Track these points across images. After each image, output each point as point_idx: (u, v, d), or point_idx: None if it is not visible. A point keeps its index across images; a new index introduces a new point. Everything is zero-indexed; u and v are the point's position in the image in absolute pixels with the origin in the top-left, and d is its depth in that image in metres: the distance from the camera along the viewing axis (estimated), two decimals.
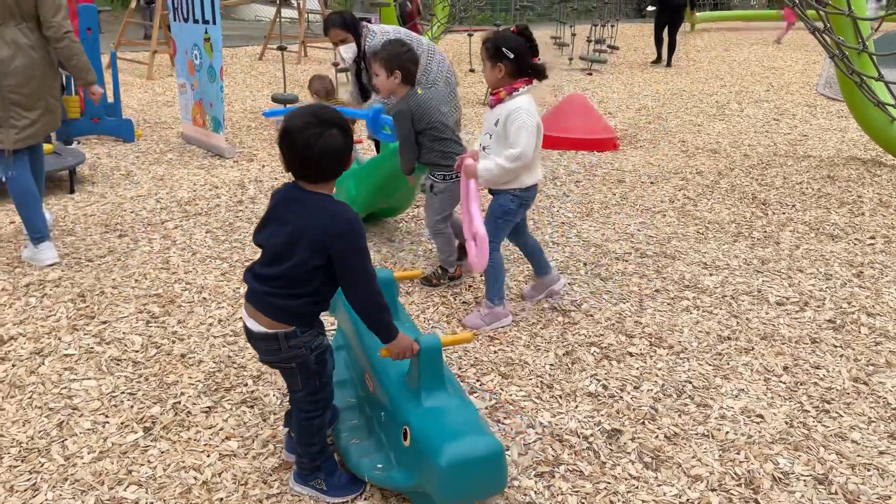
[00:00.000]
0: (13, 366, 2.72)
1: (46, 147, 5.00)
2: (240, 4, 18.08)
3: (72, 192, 4.82)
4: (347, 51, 4.15)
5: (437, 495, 1.82)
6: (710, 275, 3.76)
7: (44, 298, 3.27)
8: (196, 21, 5.81)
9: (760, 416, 2.56)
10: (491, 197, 3.14)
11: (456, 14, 13.44)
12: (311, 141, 1.84)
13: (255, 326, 1.96)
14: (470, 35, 12.54)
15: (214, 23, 5.63)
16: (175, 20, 6.16)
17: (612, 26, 13.95)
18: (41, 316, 3.11)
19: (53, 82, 3.55)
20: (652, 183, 5.47)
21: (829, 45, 5.75)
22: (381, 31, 4.31)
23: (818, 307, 3.43)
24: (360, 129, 6.71)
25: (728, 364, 2.90)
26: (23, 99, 3.41)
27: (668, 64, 12.78)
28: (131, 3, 11.48)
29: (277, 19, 10.25)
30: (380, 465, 2.04)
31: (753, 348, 3.03)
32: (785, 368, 2.88)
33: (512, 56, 2.88)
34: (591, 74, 11.55)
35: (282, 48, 7.52)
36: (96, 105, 3.37)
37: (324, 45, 12.80)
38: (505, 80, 2.95)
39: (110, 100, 6.39)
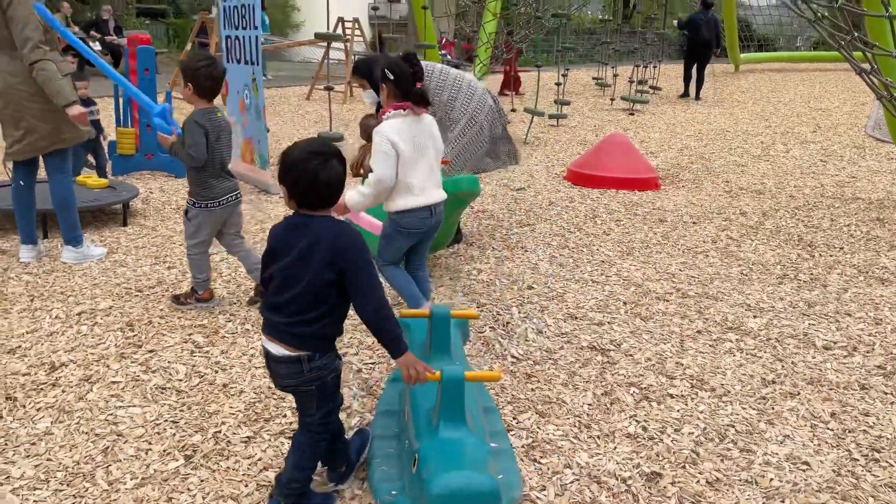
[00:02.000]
0: (63, 391, 2.81)
1: (102, 182, 5.24)
2: (291, 47, 18.70)
3: (125, 224, 5.00)
4: (368, 96, 4.18)
5: None
6: (755, 317, 3.69)
7: (94, 327, 3.38)
8: (246, 62, 6.04)
9: (807, 463, 2.49)
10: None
11: (498, 55, 13.66)
12: (318, 171, 1.95)
13: (278, 350, 2.00)
14: (512, 76, 12.72)
15: (258, 63, 5.85)
16: (228, 62, 6.41)
17: (655, 67, 13.99)
18: (91, 344, 3.21)
19: (37, 105, 3.87)
20: (694, 223, 5.42)
21: (876, 86, 5.67)
22: (427, 68, 4.33)
23: (867, 352, 3.32)
24: None
25: (773, 409, 2.83)
26: (8, 119, 3.90)
27: (697, 97, 13.27)
28: (186, 46, 11.98)
29: (325, 60, 10.56)
30: (394, 492, 2.05)
31: (799, 393, 2.95)
32: (832, 415, 2.79)
33: (392, 78, 2.93)
34: (632, 114, 11.56)
35: (328, 88, 7.73)
36: (83, 123, 3.85)
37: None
38: (388, 101, 3.02)
39: None
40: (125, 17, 19.54)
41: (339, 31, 12.50)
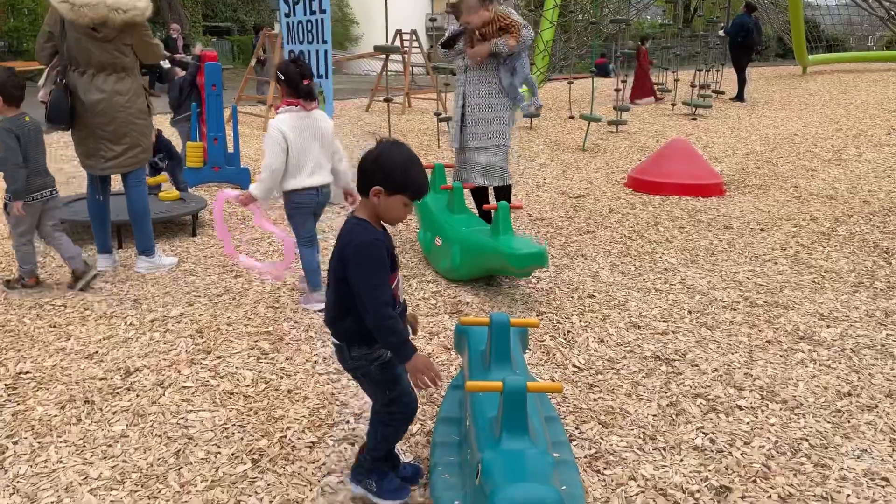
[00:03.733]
0: (137, 396, 2.93)
1: (174, 194, 5.46)
2: (350, 60, 19.06)
3: (194, 234, 5.18)
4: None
5: None
6: (828, 327, 3.55)
7: (166, 333, 3.50)
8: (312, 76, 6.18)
9: (886, 479, 2.37)
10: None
11: (556, 63, 13.58)
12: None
13: (332, 337, 2.18)
14: (570, 83, 12.63)
15: (327, 77, 5.97)
16: None
17: (718, 71, 13.67)
18: (163, 350, 3.33)
19: (142, 122, 4.21)
20: (762, 229, 5.25)
21: None
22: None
23: None
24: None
25: (849, 422, 2.71)
26: (109, 135, 4.10)
27: (738, 99, 13.49)
28: (251, 62, 12.35)
29: (384, 73, 10.72)
30: (457, 502, 2.04)
31: (877, 406, 2.82)
32: None
33: (283, 79, 3.55)
34: (694, 119, 11.31)
35: (388, 100, 7.84)
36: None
37: (427, 97, 13.24)
38: (283, 99, 3.61)
39: (230, 150, 6.86)
40: (193, 35, 20.30)
41: (398, 43, 12.67)
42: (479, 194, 4.85)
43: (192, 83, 6.63)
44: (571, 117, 11.56)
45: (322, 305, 3.56)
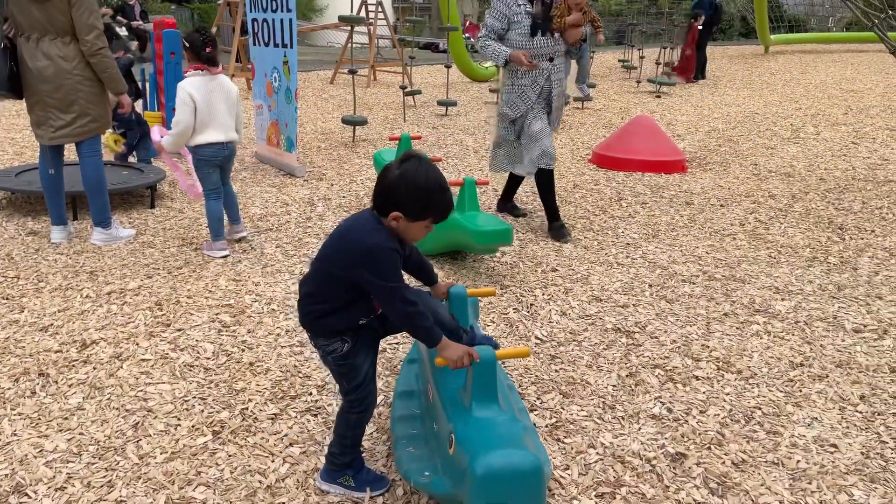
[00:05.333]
0: (94, 368, 2.87)
1: (155, 116, 5.30)
2: (315, 30, 18.70)
3: (152, 207, 5.07)
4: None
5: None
6: (783, 300, 3.64)
7: (124, 306, 3.44)
8: (276, 45, 6.05)
9: (834, 445, 2.46)
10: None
11: None
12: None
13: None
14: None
15: (292, 46, 5.85)
16: (255, 45, 6.43)
17: (682, 49, 13.77)
18: (121, 322, 3.27)
19: (90, 90, 4.01)
20: (722, 205, 5.35)
21: None
22: None
23: None
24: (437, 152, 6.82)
25: (800, 391, 2.80)
26: (57, 102, 3.95)
27: (704, 76, 13.87)
28: (212, 29, 12.03)
29: (349, 44, 10.56)
30: (427, 473, 2.05)
31: (828, 376, 2.91)
32: (861, 397, 2.75)
33: (188, 46, 3.93)
34: (659, 97, 11.41)
35: (352, 72, 7.73)
36: (126, 115, 4.16)
37: (392, 69, 13.10)
38: (190, 64, 3.97)
39: None
40: (150, 2, 19.67)
41: (363, 14, 12.47)
42: (515, 184, 4.98)
43: (128, 73, 6.30)
44: None
45: (223, 253, 4.10)
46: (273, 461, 2.32)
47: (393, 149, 4.85)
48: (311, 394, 2.71)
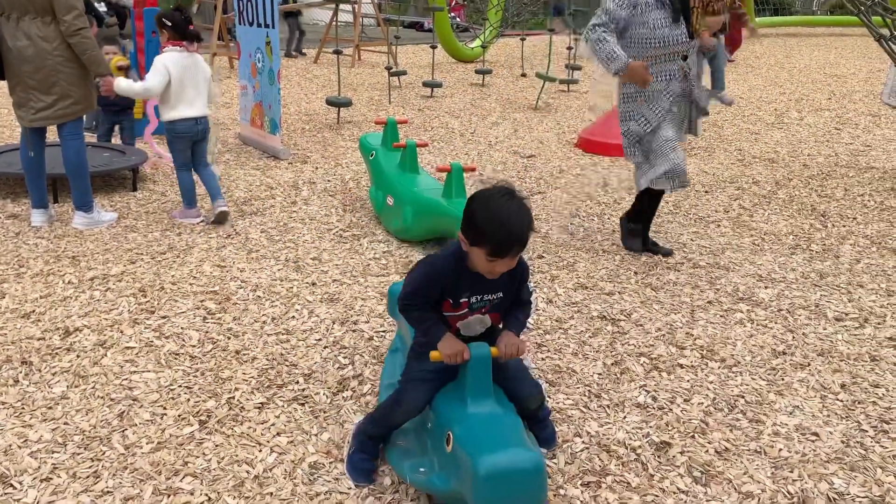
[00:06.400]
0: (78, 356, 2.84)
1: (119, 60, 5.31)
2: (298, 9, 18.42)
3: (134, 189, 5.00)
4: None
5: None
6: (766, 287, 3.68)
7: (107, 292, 3.40)
8: (259, 25, 5.96)
9: (816, 434, 2.50)
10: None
11: (508, 19, 13.44)
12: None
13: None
14: (522, 39, 12.53)
15: (273, 27, 5.76)
16: (240, 24, 6.33)
17: None
18: (104, 309, 3.24)
19: (72, 71, 3.92)
20: (706, 192, 5.37)
21: (894, 53, 5.56)
22: None
23: (879, 324, 3.32)
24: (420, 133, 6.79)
25: (783, 380, 2.83)
26: (38, 84, 3.87)
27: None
28: (192, 8, 11.82)
29: (333, 23, 10.42)
30: (422, 469, 2.06)
31: (810, 364, 2.95)
32: (842, 386, 2.80)
33: (169, 24, 4.07)
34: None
35: (337, 52, 7.65)
36: (111, 97, 4.12)
37: (377, 49, 12.96)
38: (167, 42, 4.12)
39: None
40: None
41: None
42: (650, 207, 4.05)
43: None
44: (524, 75, 11.51)
45: (196, 220, 4.34)
46: (260, 451, 2.32)
47: (379, 133, 4.81)
48: (297, 382, 2.71)
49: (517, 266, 2.06)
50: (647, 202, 3.98)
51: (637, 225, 3.96)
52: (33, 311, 3.19)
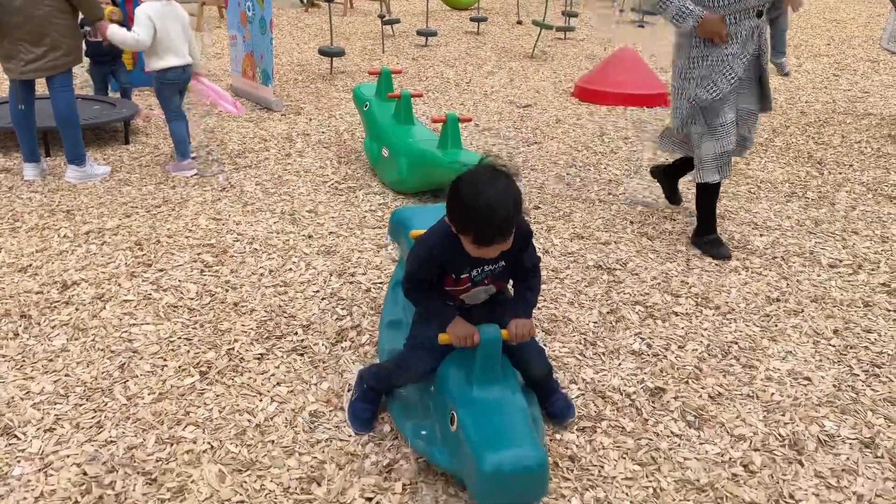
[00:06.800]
0: (76, 309, 2.85)
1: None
2: None
3: (126, 142, 4.94)
4: None
5: (473, 494, 1.85)
6: (761, 235, 3.69)
7: (103, 246, 3.39)
8: None
9: (808, 378, 2.54)
10: None
11: None
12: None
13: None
14: None
15: None
16: None
17: None
18: (101, 263, 3.23)
19: (63, 22, 3.87)
20: None
21: None
22: None
23: (872, 270, 3.34)
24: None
25: (776, 326, 2.87)
26: (27, 35, 3.80)
27: None
28: None
29: None
30: (424, 433, 2.05)
31: (803, 311, 2.98)
32: (835, 331, 2.83)
33: None
34: (642, 27, 11.20)
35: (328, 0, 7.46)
36: (104, 43, 4.13)
37: None
38: None
39: None
40: None
41: None
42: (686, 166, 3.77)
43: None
44: (519, 22, 11.29)
45: (191, 172, 4.32)
46: (261, 401, 2.35)
47: (373, 83, 4.73)
48: (296, 333, 2.73)
49: (520, 232, 1.98)
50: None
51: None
52: (30, 265, 3.19)
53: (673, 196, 3.99)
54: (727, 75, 3.18)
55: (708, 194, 3.42)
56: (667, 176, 3.95)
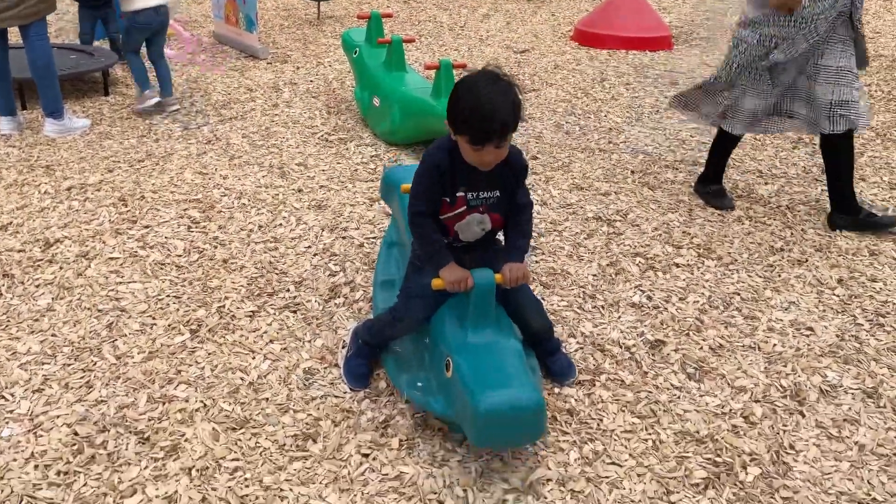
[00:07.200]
0: (60, 268, 2.77)
1: None
2: None
3: (106, 94, 4.78)
4: None
5: (471, 437, 1.82)
6: (766, 184, 3.60)
7: (86, 202, 3.29)
8: None
9: (811, 328, 2.49)
10: None
11: None
12: None
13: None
14: None
15: None
16: None
17: None
18: (84, 220, 3.14)
19: None
20: None
21: None
22: None
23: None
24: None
25: (779, 276, 2.81)
26: None
27: None
28: None
29: None
30: (420, 384, 2.03)
31: (807, 260, 2.92)
32: (839, 281, 2.78)
33: None
34: None
35: None
36: None
37: None
38: None
39: None
40: None
41: None
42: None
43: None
44: None
45: (154, 100, 4.33)
46: (254, 358, 2.30)
47: (362, 28, 4.56)
48: (288, 290, 2.66)
49: (516, 163, 2.01)
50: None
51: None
52: (10, 222, 3.10)
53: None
54: (809, 36, 2.96)
55: (726, 142, 3.31)
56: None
